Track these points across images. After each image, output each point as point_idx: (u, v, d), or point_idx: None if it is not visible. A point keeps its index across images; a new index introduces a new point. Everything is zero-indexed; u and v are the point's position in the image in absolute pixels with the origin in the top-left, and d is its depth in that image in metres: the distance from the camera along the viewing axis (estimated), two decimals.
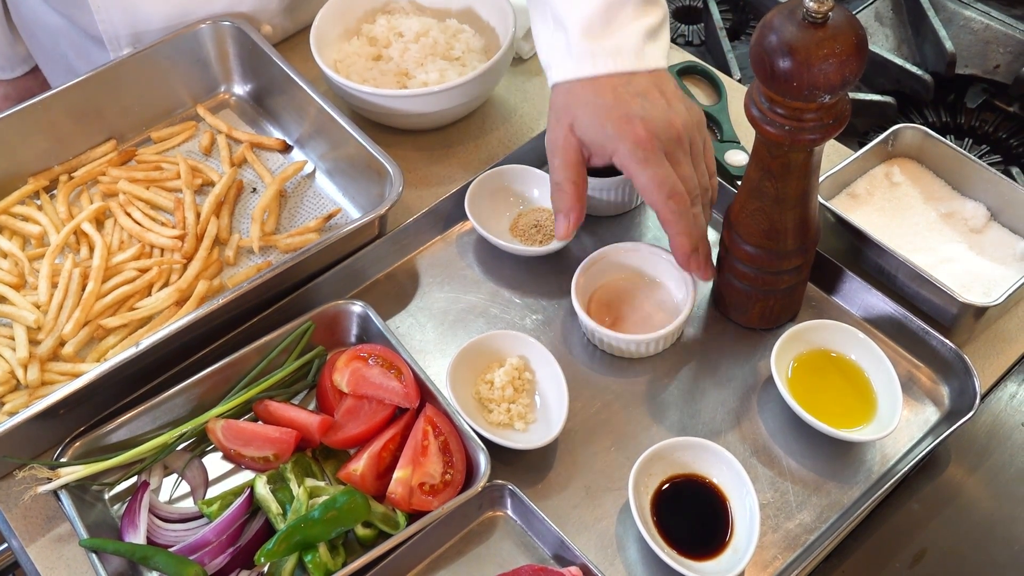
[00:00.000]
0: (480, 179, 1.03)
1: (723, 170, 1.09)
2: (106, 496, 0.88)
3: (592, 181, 1.01)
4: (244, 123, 1.17)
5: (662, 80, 0.93)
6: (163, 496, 0.88)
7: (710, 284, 0.99)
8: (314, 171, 1.12)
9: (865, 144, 1.04)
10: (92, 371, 0.88)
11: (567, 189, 0.93)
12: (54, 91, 1.09)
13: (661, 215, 0.90)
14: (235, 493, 0.86)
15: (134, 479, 0.88)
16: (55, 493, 0.85)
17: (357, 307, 0.94)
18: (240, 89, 1.20)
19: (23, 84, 1.39)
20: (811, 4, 0.73)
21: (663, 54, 0.94)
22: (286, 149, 1.14)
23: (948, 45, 1.29)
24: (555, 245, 1.00)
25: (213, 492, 0.88)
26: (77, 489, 0.86)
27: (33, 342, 0.96)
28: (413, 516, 0.83)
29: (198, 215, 1.05)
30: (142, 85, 1.14)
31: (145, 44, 1.15)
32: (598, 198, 1.03)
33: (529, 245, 1.02)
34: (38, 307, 0.98)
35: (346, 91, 1.09)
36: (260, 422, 0.90)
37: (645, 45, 0.93)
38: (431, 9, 1.19)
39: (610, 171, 1.00)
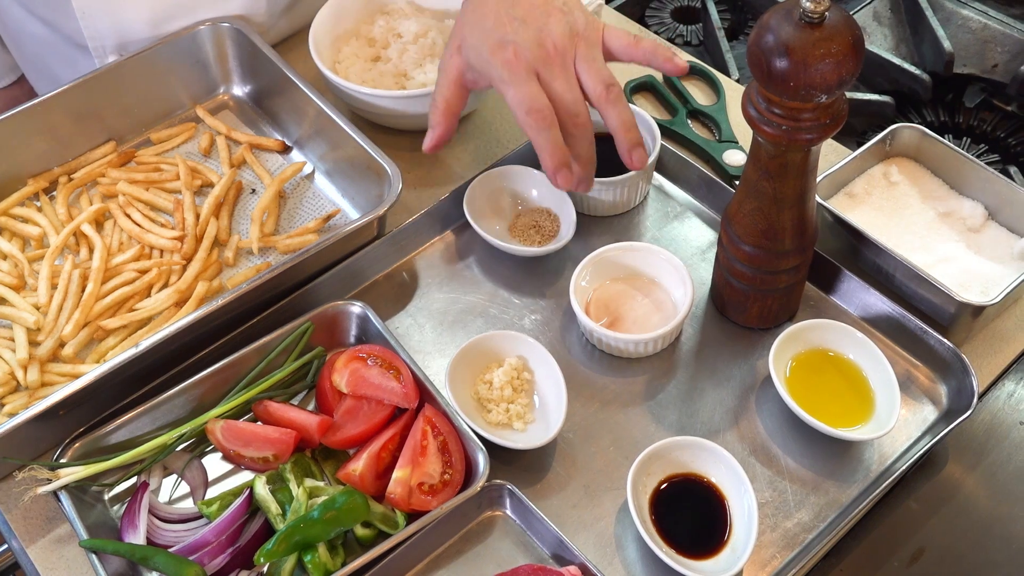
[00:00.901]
0: (478, 179, 1.04)
1: (721, 170, 1.09)
2: (106, 497, 0.88)
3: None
4: (243, 124, 1.18)
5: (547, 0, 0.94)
6: (163, 497, 0.89)
7: (708, 285, 0.99)
8: (313, 172, 1.12)
9: (863, 144, 1.04)
10: (92, 372, 0.88)
11: (437, 103, 0.96)
12: (53, 93, 1.09)
13: (526, 133, 0.91)
14: (234, 493, 0.86)
15: (134, 480, 0.89)
16: (55, 494, 0.85)
17: (356, 308, 0.94)
18: (239, 90, 1.20)
19: (10, 94, 1.40)
20: (808, 4, 0.73)
21: None
22: (285, 150, 1.14)
23: (946, 44, 1.30)
24: (553, 246, 1.00)
25: (213, 492, 0.88)
26: (77, 490, 0.86)
27: (33, 343, 0.96)
28: (412, 516, 0.83)
29: (197, 216, 1.05)
30: (141, 87, 1.14)
31: (130, 51, 1.15)
32: (597, 198, 1.04)
33: (528, 245, 1.02)
34: (38, 308, 0.98)
35: (345, 92, 1.09)
36: (259, 423, 0.90)
37: None
38: (429, 10, 1.19)
39: (609, 171, 1.01)
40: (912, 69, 1.29)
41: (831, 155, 1.09)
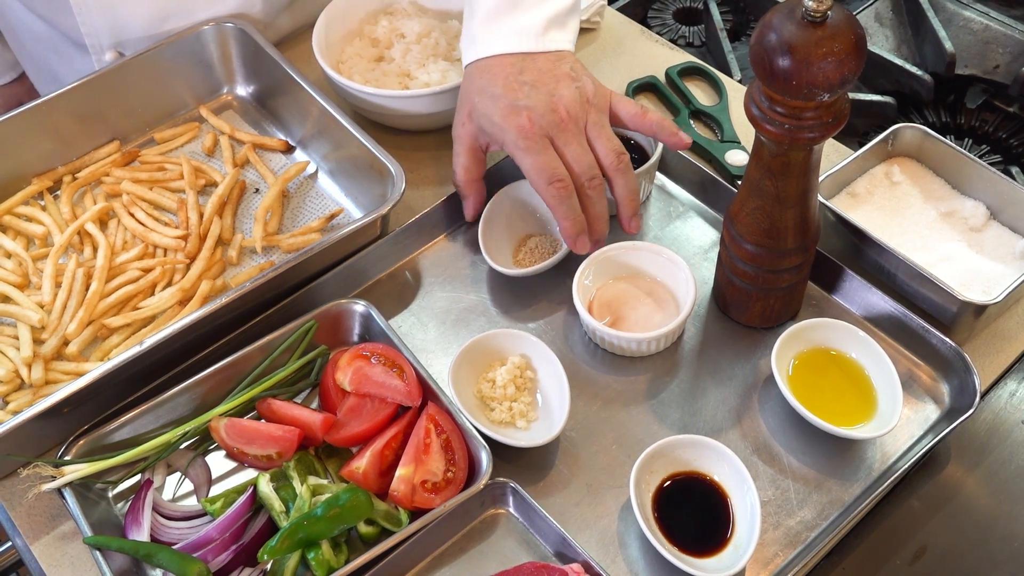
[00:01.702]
0: (490, 204, 1.02)
1: (724, 169, 1.09)
2: (110, 494, 0.89)
3: None
4: (247, 124, 1.18)
5: (560, 61, 0.95)
6: (167, 494, 0.89)
7: (710, 284, 0.99)
8: (316, 171, 1.12)
9: (865, 144, 1.04)
10: (96, 370, 0.88)
11: (459, 174, 1.00)
12: (58, 92, 1.09)
13: (545, 201, 0.93)
14: (238, 491, 0.86)
15: (138, 477, 0.89)
16: (59, 491, 0.86)
17: (359, 306, 0.95)
18: (243, 90, 1.20)
19: (10, 91, 1.40)
20: (810, 3, 0.73)
21: (568, 39, 0.98)
22: (289, 150, 1.15)
23: (948, 45, 1.30)
24: (551, 261, 0.99)
25: (216, 490, 0.89)
26: (81, 487, 0.86)
27: (37, 341, 0.96)
28: (415, 514, 0.83)
29: (201, 215, 1.05)
30: (145, 87, 1.14)
31: (127, 49, 1.15)
32: None
33: (528, 266, 1.00)
34: (42, 307, 0.98)
35: (348, 92, 1.09)
36: (263, 421, 0.91)
37: (549, 29, 0.97)
38: (433, 10, 1.19)
39: None
40: (914, 70, 1.29)
41: (833, 155, 1.09)
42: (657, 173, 1.09)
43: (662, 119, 0.98)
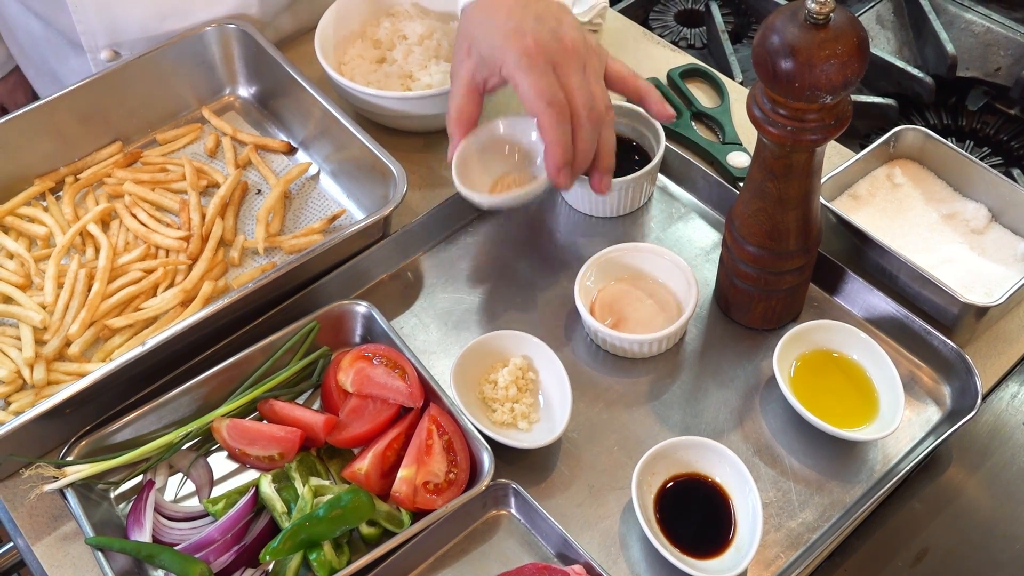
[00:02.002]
0: (463, 142, 0.97)
1: (726, 171, 1.09)
2: (112, 495, 0.89)
3: None
4: (249, 125, 1.18)
5: (561, 10, 0.93)
6: (168, 495, 0.89)
7: (712, 285, 1.00)
8: (318, 173, 1.13)
9: (867, 146, 1.04)
10: (98, 371, 0.88)
11: (451, 113, 0.95)
12: (60, 93, 1.10)
13: (539, 123, 0.89)
14: (240, 492, 0.86)
15: (140, 478, 0.89)
16: (61, 492, 0.86)
17: (361, 307, 0.95)
18: (245, 92, 1.20)
19: (3, 87, 1.40)
20: (813, 5, 0.74)
21: None
22: (291, 151, 1.15)
23: (949, 48, 1.30)
24: (529, 188, 0.93)
25: (218, 491, 0.89)
26: (83, 488, 0.86)
27: (39, 342, 0.96)
28: (417, 515, 0.83)
29: (203, 216, 1.05)
30: (148, 88, 1.14)
31: (124, 49, 1.16)
32: (602, 199, 1.04)
33: (499, 193, 0.96)
34: (44, 307, 0.98)
35: (350, 93, 1.09)
36: (265, 421, 0.91)
37: None
38: (434, 12, 1.20)
39: (614, 171, 1.01)
40: (915, 72, 1.29)
41: (835, 157, 1.09)
42: (659, 175, 1.09)
43: (651, 87, 0.96)
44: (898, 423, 0.85)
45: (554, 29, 0.90)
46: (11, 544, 0.90)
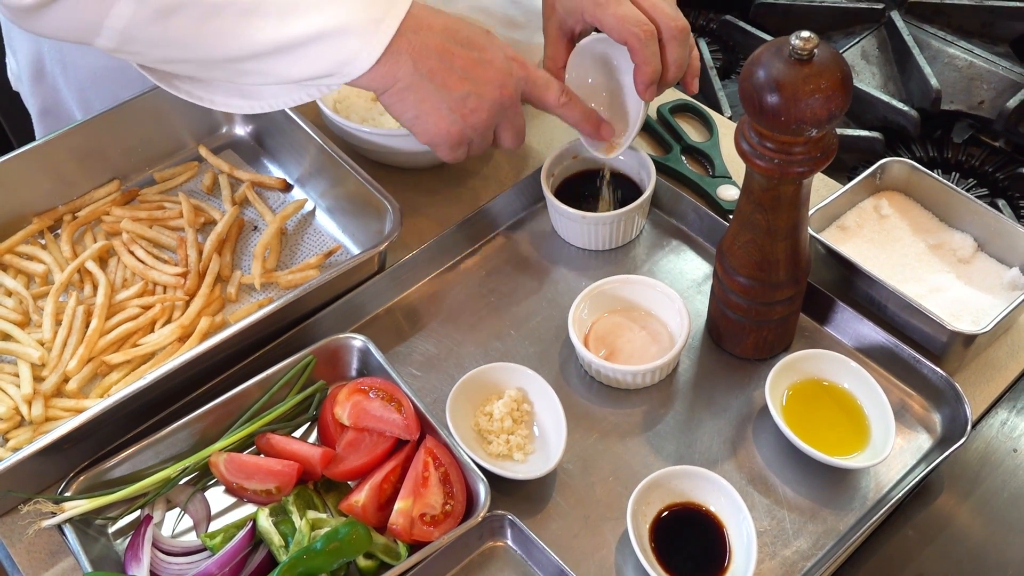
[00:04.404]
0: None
1: (716, 204, 1.11)
2: (110, 530, 0.89)
3: (589, 216, 1.04)
4: (245, 163, 1.19)
5: None
6: (166, 530, 0.89)
7: (704, 316, 1.01)
8: (314, 209, 1.14)
9: (854, 178, 1.06)
10: (95, 407, 0.89)
11: (546, 62, 1.03)
12: (59, 132, 1.11)
13: (629, 47, 0.96)
14: (238, 526, 0.86)
15: (137, 513, 0.89)
16: (59, 527, 0.86)
17: (358, 341, 0.96)
18: (241, 129, 1.22)
19: None
20: (797, 42, 0.75)
21: None
22: (287, 188, 1.16)
23: (933, 82, 1.32)
24: (629, 136, 1.03)
25: (216, 525, 0.89)
26: (81, 523, 0.87)
27: (37, 379, 0.97)
28: (414, 547, 0.84)
29: (200, 253, 1.06)
30: (145, 127, 1.16)
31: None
32: (594, 232, 1.05)
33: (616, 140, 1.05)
34: (42, 344, 0.99)
35: (346, 131, 1.11)
36: (262, 455, 0.91)
37: None
38: None
39: (606, 207, 1.03)
40: (900, 106, 1.31)
41: (823, 189, 1.11)
42: (650, 208, 1.11)
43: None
44: (889, 451, 0.86)
45: None
46: None
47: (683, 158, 1.16)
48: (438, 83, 0.90)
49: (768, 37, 1.43)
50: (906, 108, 1.31)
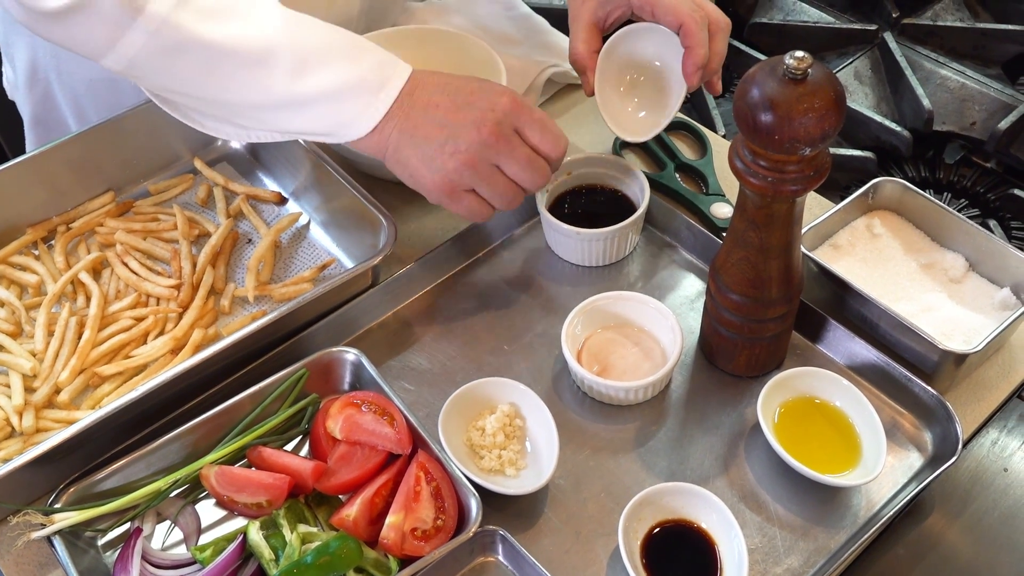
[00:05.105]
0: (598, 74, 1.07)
1: (709, 222, 1.11)
2: (99, 542, 0.89)
3: (583, 232, 1.04)
4: (240, 176, 1.20)
5: None
6: (156, 543, 0.89)
7: (697, 334, 1.01)
8: (309, 223, 1.14)
9: (847, 197, 1.07)
10: (87, 418, 0.89)
11: (579, 48, 1.05)
12: (54, 143, 1.11)
13: (685, 28, 0.99)
14: (228, 539, 0.86)
15: (127, 525, 0.89)
16: (48, 539, 0.86)
17: (350, 355, 0.96)
18: (237, 143, 1.22)
19: None
20: (791, 61, 0.76)
21: None
22: (281, 201, 1.16)
23: (926, 103, 1.33)
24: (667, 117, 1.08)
25: (206, 538, 0.89)
26: (70, 535, 0.86)
27: (29, 390, 0.96)
28: (405, 561, 0.83)
29: (194, 265, 1.06)
30: (141, 139, 1.16)
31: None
32: (588, 248, 1.06)
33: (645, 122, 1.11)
34: (34, 355, 0.99)
35: (340, 144, 1.11)
36: (254, 468, 0.91)
37: None
38: (422, 66, 1.22)
39: (600, 223, 1.03)
40: (893, 126, 1.32)
41: (816, 208, 1.12)
42: (644, 225, 1.11)
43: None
44: (880, 469, 0.86)
45: None
46: None
47: (677, 175, 1.17)
48: (420, 136, 0.91)
49: (763, 57, 1.44)
50: (899, 128, 1.32)
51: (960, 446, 0.89)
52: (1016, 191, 1.26)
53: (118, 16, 0.83)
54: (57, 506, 0.87)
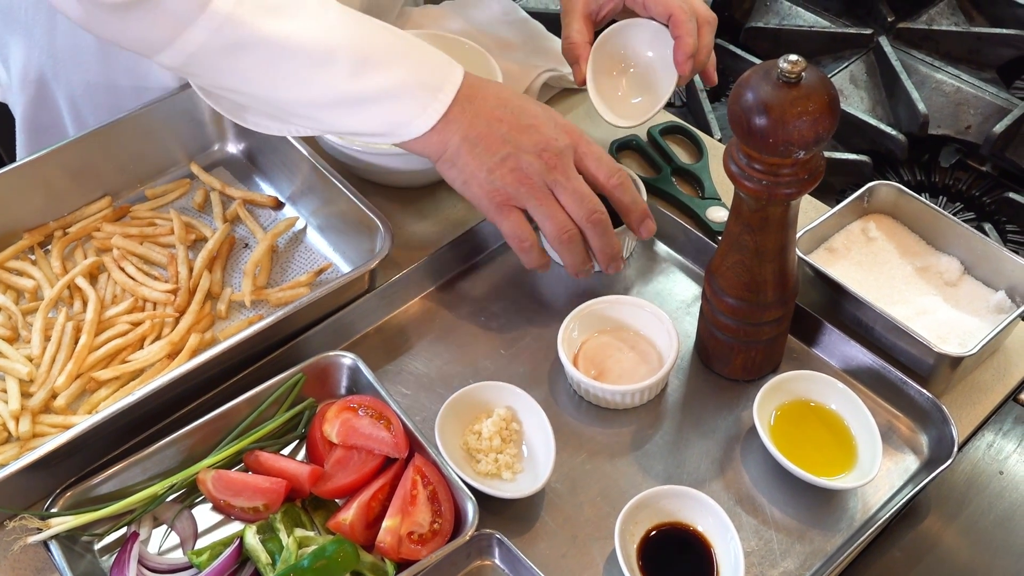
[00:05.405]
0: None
1: (705, 226, 1.11)
2: (96, 547, 0.89)
3: None
4: (237, 180, 1.20)
5: None
6: (152, 547, 0.89)
7: (693, 337, 1.01)
8: (305, 227, 1.14)
9: (842, 201, 1.07)
10: (83, 423, 0.88)
11: (572, 37, 1.07)
12: (50, 148, 1.11)
13: (674, 19, 1.02)
14: (225, 543, 0.86)
15: (124, 530, 0.89)
16: (45, 544, 0.85)
17: (347, 359, 0.96)
18: (234, 147, 1.22)
19: None
20: (785, 65, 0.76)
21: None
22: (278, 206, 1.16)
23: (921, 107, 1.34)
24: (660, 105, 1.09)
25: (203, 543, 0.89)
26: (67, 540, 0.86)
27: (25, 395, 0.96)
28: (402, 565, 0.83)
29: (191, 270, 1.06)
30: (138, 143, 1.16)
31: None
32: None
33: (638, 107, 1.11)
34: (31, 360, 0.99)
35: (337, 149, 1.11)
36: (250, 473, 0.91)
37: None
38: None
39: None
40: (888, 130, 1.33)
41: (811, 211, 1.12)
42: None
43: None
44: (876, 472, 0.87)
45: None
46: None
47: (673, 179, 1.17)
48: (482, 147, 0.92)
49: (758, 61, 1.45)
50: (894, 132, 1.32)
51: (956, 449, 0.89)
52: (1011, 194, 1.26)
53: (183, 11, 0.82)
54: (53, 511, 0.87)
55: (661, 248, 1.11)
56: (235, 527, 0.90)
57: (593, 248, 0.97)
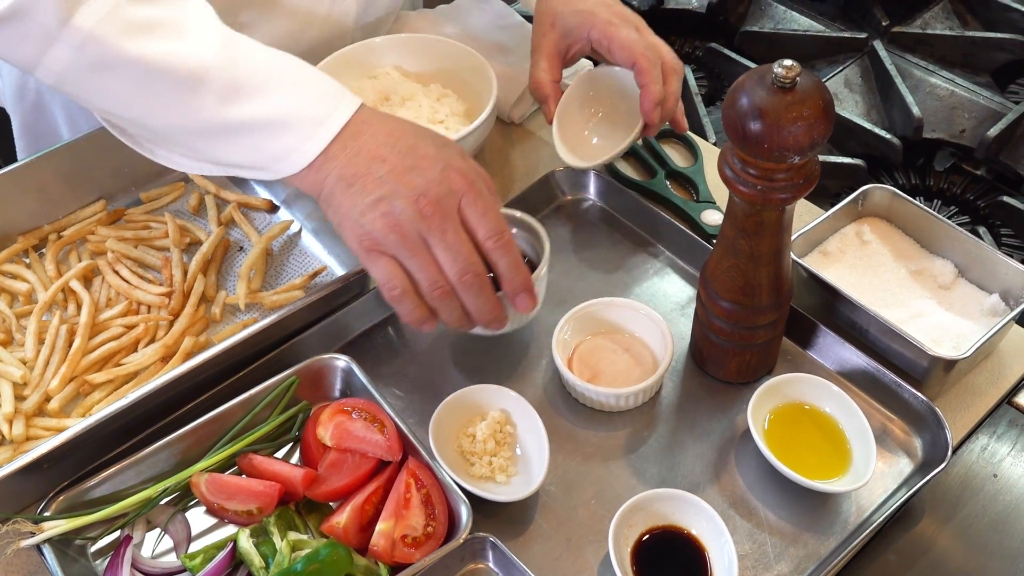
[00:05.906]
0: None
1: (700, 229, 1.12)
2: (89, 550, 0.88)
3: None
4: (232, 184, 1.20)
5: None
6: (146, 550, 0.88)
7: (687, 340, 1.01)
8: (300, 231, 1.14)
9: (836, 204, 1.07)
10: (77, 426, 0.88)
11: (540, 77, 1.08)
12: (45, 151, 1.11)
13: (638, 67, 1.03)
14: (218, 547, 0.86)
15: (117, 533, 0.89)
16: (38, 547, 0.85)
17: (341, 362, 0.96)
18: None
19: None
20: (780, 70, 0.76)
21: None
22: (273, 209, 1.16)
23: (915, 111, 1.34)
24: (625, 145, 1.09)
25: (196, 546, 0.88)
26: (60, 543, 0.86)
27: (19, 397, 0.96)
28: (395, 568, 0.83)
29: (185, 273, 1.06)
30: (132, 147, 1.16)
31: None
32: None
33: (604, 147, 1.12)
34: (25, 363, 0.99)
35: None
36: (244, 476, 0.91)
37: None
38: (414, 74, 1.22)
39: None
40: (883, 134, 1.33)
41: (805, 215, 1.12)
42: (637, 231, 1.11)
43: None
44: (870, 475, 0.87)
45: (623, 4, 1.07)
46: None
47: (668, 183, 1.17)
48: (358, 187, 0.85)
49: (753, 65, 1.45)
50: (888, 136, 1.32)
51: (950, 452, 0.89)
52: (1005, 198, 1.27)
53: (45, 26, 0.80)
54: (47, 514, 0.87)
55: (656, 250, 1.11)
56: (229, 530, 0.89)
57: (467, 309, 0.88)
